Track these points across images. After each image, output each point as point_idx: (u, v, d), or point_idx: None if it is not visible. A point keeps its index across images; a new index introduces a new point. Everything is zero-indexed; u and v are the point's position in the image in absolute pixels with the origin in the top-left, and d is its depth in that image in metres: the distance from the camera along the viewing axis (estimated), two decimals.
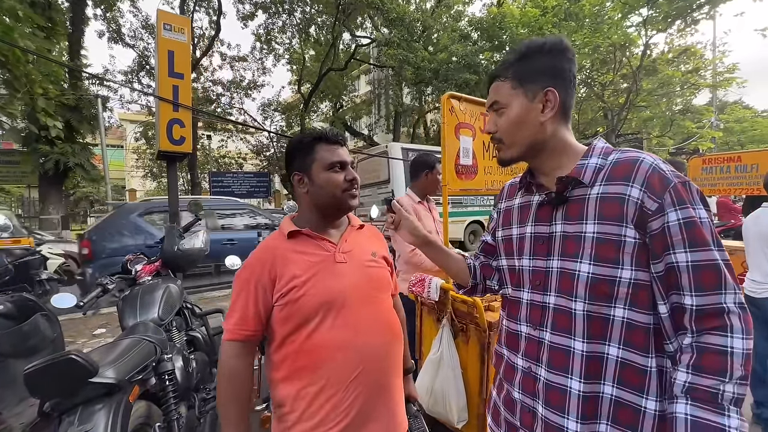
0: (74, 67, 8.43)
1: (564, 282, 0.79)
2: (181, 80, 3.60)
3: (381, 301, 1.08)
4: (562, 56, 0.81)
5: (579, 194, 0.78)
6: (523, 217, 0.90)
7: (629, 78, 10.24)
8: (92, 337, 3.60)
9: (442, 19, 13.95)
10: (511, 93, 0.83)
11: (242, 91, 16.93)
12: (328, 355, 0.95)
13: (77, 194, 21.92)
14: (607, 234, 0.73)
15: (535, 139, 0.83)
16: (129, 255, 2.63)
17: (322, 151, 1.05)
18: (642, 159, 0.74)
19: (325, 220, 1.09)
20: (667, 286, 0.69)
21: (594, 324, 0.75)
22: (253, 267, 1.00)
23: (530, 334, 0.85)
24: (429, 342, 2.08)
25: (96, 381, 1.37)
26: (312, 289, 0.96)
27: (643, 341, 0.72)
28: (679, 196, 0.69)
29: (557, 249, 0.80)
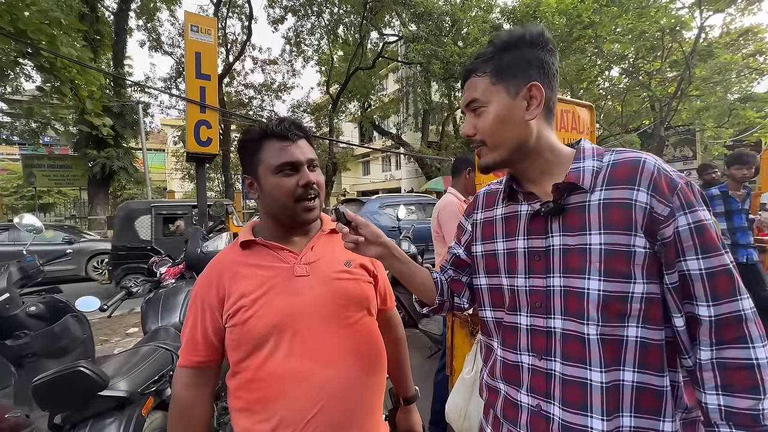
0: (114, 75, 8.92)
1: (571, 302, 0.70)
2: (208, 81, 3.60)
3: (352, 322, 0.89)
4: (544, 48, 0.74)
5: (577, 201, 0.71)
6: (510, 229, 0.81)
7: (680, 65, 9.39)
8: (126, 336, 3.69)
9: (471, 12, 13.54)
10: (490, 89, 0.74)
11: (273, 93, 17.34)
12: (281, 389, 0.80)
13: (124, 195, 23.39)
14: (616, 245, 0.66)
15: (520, 140, 0.75)
16: (155, 257, 2.63)
17: (268, 149, 0.86)
18: (644, 159, 0.68)
19: (285, 227, 0.93)
20: (681, 296, 0.65)
21: (609, 348, 0.67)
22: (201, 284, 0.88)
23: (535, 365, 0.75)
24: (462, 357, 1.88)
25: (106, 394, 1.31)
26: (261, 310, 0.82)
27: (657, 360, 0.66)
28: (687, 199, 0.65)
29: (558, 265, 0.72)
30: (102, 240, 9.08)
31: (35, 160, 12.92)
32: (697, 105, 11.21)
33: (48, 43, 4.17)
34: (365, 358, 0.90)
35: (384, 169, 27.21)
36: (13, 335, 2.10)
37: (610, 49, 11.36)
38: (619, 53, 11.68)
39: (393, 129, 20.39)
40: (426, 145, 17.61)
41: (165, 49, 14.41)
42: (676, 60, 9.81)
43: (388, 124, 21.46)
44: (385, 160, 26.81)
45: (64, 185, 13.92)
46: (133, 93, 13.22)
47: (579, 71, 11.70)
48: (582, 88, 12.02)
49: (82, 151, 11.08)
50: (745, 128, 12.47)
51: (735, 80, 11.05)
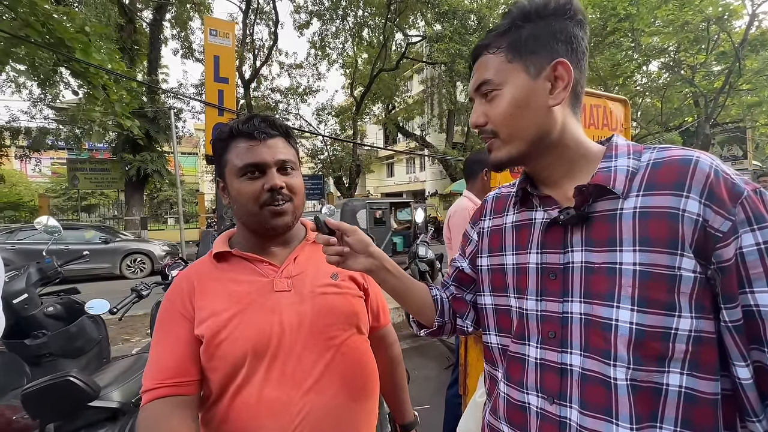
0: (139, 81, 9.39)
1: (594, 336, 0.56)
2: (226, 85, 3.64)
3: (339, 342, 0.80)
4: (573, 19, 0.60)
5: (606, 209, 0.58)
6: (521, 240, 0.69)
7: (729, 57, 8.66)
8: (146, 335, 3.76)
9: (498, 9, 13.19)
10: (506, 68, 0.61)
11: (298, 96, 17.63)
12: (256, 424, 0.71)
13: (159, 197, 24.54)
14: (656, 266, 0.52)
15: (541, 130, 0.61)
16: (168, 259, 2.64)
17: (234, 150, 0.78)
18: (697, 158, 0.54)
19: (262, 237, 0.83)
20: (746, 339, 0.49)
21: (642, 399, 0.53)
22: (172, 299, 0.78)
23: (545, 410, 0.61)
24: (476, 376, 1.73)
25: (97, 405, 1.27)
26: (236, 331, 0.73)
27: (710, 420, 0.51)
28: (757, 211, 0.50)
29: (578, 287, 0.59)
30: (136, 240, 9.52)
31: (78, 164, 13.77)
32: (748, 100, 10.29)
33: (81, 51, 4.37)
34: (353, 382, 0.81)
35: (408, 170, 27.09)
36: (31, 335, 2.15)
37: (648, 43, 10.67)
38: (658, 47, 10.95)
39: (417, 130, 20.22)
40: (451, 147, 17.32)
41: (196, 57, 14.97)
42: (723, 52, 9.05)
43: (412, 125, 21.31)
44: (410, 162, 26.67)
45: (104, 187, 14.76)
46: (166, 99, 13.82)
47: (614, 66, 11.06)
48: (617, 84, 11.37)
49: (119, 155, 11.71)
50: None
51: None
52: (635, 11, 8.80)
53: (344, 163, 16.82)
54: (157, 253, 8.74)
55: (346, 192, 16.69)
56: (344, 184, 16.86)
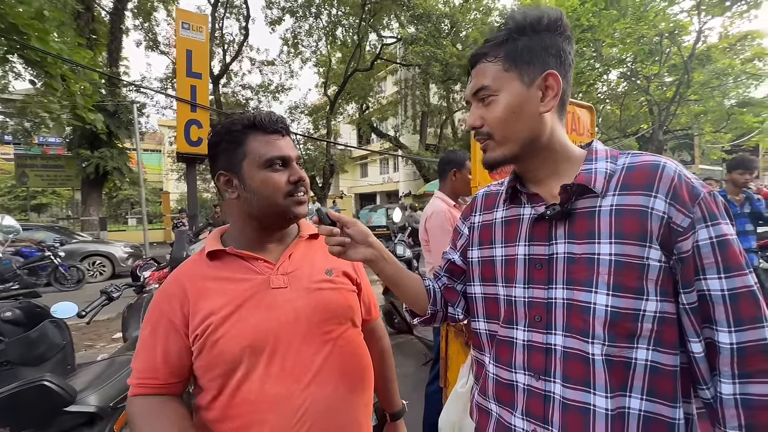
0: (105, 73, 8.82)
1: (575, 318, 0.64)
2: (199, 80, 3.53)
3: (336, 336, 0.83)
4: (562, 34, 0.67)
5: (586, 206, 0.65)
6: (510, 234, 0.75)
7: (679, 69, 9.38)
8: (111, 341, 3.58)
9: (470, 15, 13.54)
10: (502, 76, 0.67)
11: (270, 94, 17.26)
12: (258, 417, 0.73)
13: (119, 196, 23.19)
14: (628, 256, 0.60)
15: (532, 134, 0.68)
16: (139, 261, 2.54)
17: (255, 142, 0.80)
18: (663, 164, 0.62)
19: (264, 232, 0.85)
20: (700, 319, 0.58)
21: (615, 371, 0.60)
22: (160, 300, 0.78)
23: (532, 386, 0.68)
24: (456, 369, 1.79)
25: (73, 410, 1.22)
26: (233, 329, 0.73)
27: (670, 388, 0.60)
28: (710, 210, 0.58)
29: (561, 275, 0.66)
30: (95, 241, 8.95)
31: (28, 160, 12.75)
32: (695, 109, 11.21)
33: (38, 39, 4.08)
34: (351, 374, 0.84)
35: (382, 171, 27.16)
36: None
37: (609, 53, 11.37)
38: (617, 57, 11.70)
39: (391, 131, 20.34)
40: (424, 148, 17.57)
41: (161, 49, 14.31)
42: (674, 64, 9.81)
43: (386, 126, 21.41)
44: (383, 163, 26.76)
45: (57, 185, 13.76)
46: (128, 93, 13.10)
47: (578, 75, 11.70)
48: (581, 91, 12.02)
49: (75, 151, 10.95)
50: (742, 133, 12.49)
51: (733, 85, 11.06)
52: (597, 23, 9.34)
53: (318, 162, 16.64)
54: (119, 255, 8.22)
55: (319, 192, 16.53)
56: (318, 184, 16.69)
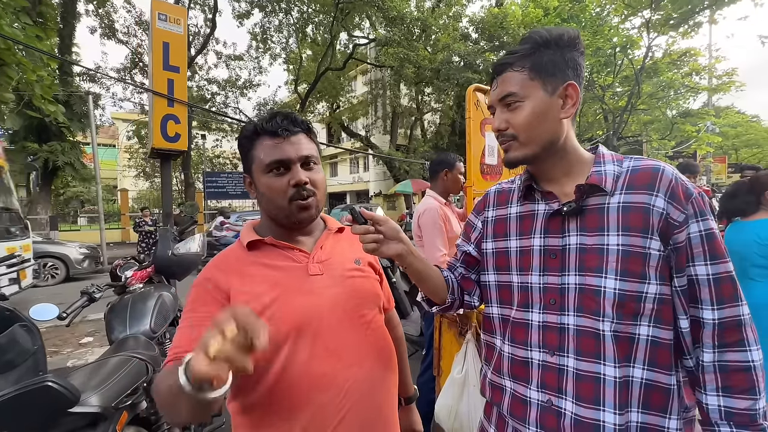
0: (65, 60, 8.15)
1: (587, 300, 0.72)
2: (177, 74, 3.40)
3: (368, 319, 0.87)
4: (578, 51, 0.76)
5: (596, 203, 0.73)
6: (525, 228, 0.82)
7: (630, 81, 10.19)
8: (79, 346, 3.37)
9: (441, 20, 13.87)
10: (528, 84, 0.75)
11: (237, 90, 16.71)
12: (305, 397, 0.76)
13: (67, 194, 21.46)
14: (633, 246, 0.69)
15: (551, 137, 0.76)
16: (118, 260, 2.43)
17: (260, 148, 0.82)
18: (663, 168, 0.72)
19: (287, 228, 0.88)
20: (688, 300, 0.69)
21: (621, 345, 0.69)
22: (204, 284, 0.80)
23: (546, 361, 0.76)
24: (449, 358, 1.90)
25: (77, 411, 1.18)
26: (278, 312, 0.76)
27: (667, 359, 0.69)
28: (701, 207, 0.68)
29: (573, 263, 0.74)
30: (45, 242, 8.26)
31: None
32: (643, 118, 12.21)
33: None
34: (384, 355, 0.89)
35: (352, 170, 27.08)
36: None
37: None
38: None
39: (362, 131, 20.35)
40: (395, 148, 17.74)
41: (119, 38, 13.41)
42: (626, 76, 10.63)
43: (356, 126, 21.39)
44: (354, 162, 26.70)
45: None
46: (81, 82, 12.19)
47: None
48: None
49: (20, 144, 10.04)
50: (683, 140, 13.76)
51: (674, 97, 12.15)
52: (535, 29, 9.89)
53: None
54: (74, 257, 7.62)
55: None
56: None
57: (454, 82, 11.10)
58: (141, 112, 15.09)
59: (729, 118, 18.96)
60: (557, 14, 9.34)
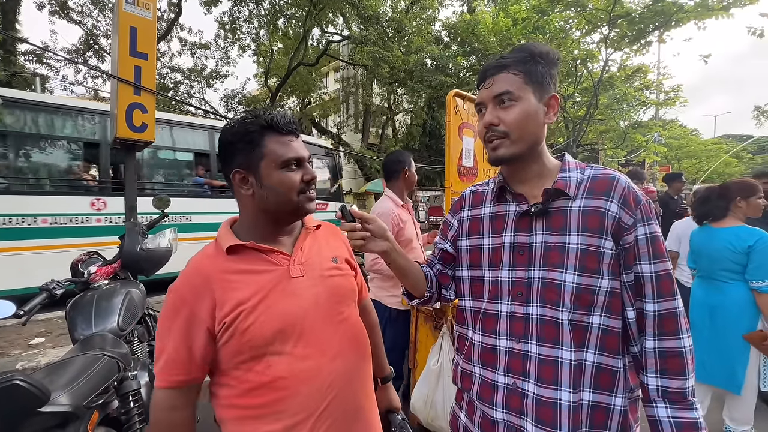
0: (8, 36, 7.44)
1: (549, 292, 0.80)
2: (145, 61, 3.23)
3: (347, 315, 0.94)
4: (558, 69, 0.87)
5: (560, 206, 0.82)
6: (497, 226, 0.90)
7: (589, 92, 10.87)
8: (28, 347, 3.13)
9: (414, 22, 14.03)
10: (523, 87, 0.82)
11: (203, 80, 15.98)
12: (292, 390, 0.81)
13: None
14: (590, 245, 0.77)
15: (537, 139, 0.85)
16: (80, 255, 2.30)
17: (273, 144, 0.85)
18: (618, 177, 0.81)
19: (275, 225, 0.91)
20: (634, 293, 0.78)
21: (577, 332, 0.77)
22: (183, 294, 0.81)
23: (512, 348, 0.84)
24: (424, 351, 1.98)
25: (48, 410, 1.14)
26: (262, 316, 0.80)
27: (615, 345, 0.78)
28: (647, 213, 0.78)
29: (539, 259, 0.81)
30: None
31: None
32: (600, 127, 13.06)
33: None
34: (360, 347, 0.96)
35: None
36: None
37: None
38: None
39: (333, 128, 20.17)
40: (366, 147, 17.75)
41: (72, 17, 12.40)
42: (586, 87, 11.31)
43: (328, 123, 21.16)
44: None
45: None
46: (27, 62, 11.15)
47: None
48: None
49: None
50: (633, 149, 14.86)
51: (626, 109, 13.10)
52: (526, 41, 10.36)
53: None
54: None
55: None
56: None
57: (426, 84, 11.30)
58: (94, 97, 14.05)
59: (673, 130, 20.71)
60: (525, 25, 9.77)
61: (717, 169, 17.28)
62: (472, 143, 1.95)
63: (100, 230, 5.20)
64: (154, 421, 0.80)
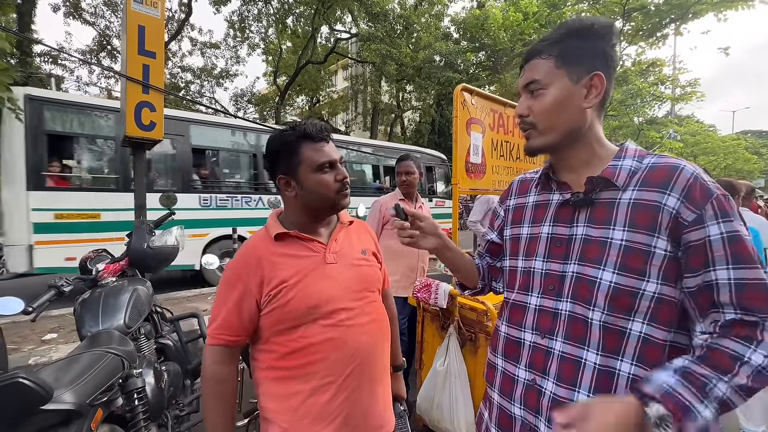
0: (24, 37, 7.59)
1: (581, 288, 0.73)
2: (153, 59, 3.25)
3: (373, 299, 1.08)
4: (610, 41, 0.75)
5: (608, 197, 0.73)
6: (538, 216, 0.85)
7: None
8: (41, 343, 3.19)
9: (423, 18, 13.91)
10: (553, 72, 0.75)
11: (213, 79, 16.13)
12: (322, 355, 0.94)
13: None
14: (637, 243, 0.68)
15: (573, 126, 0.76)
16: (89, 252, 2.32)
17: (308, 151, 0.99)
18: (683, 166, 0.69)
19: (316, 220, 1.06)
20: (702, 303, 0.64)
21: (610, 336, 0.70)
22: (239, 270, 0.97)
23: (537, 342, 0.79)
24: (431, 352, 1.94)
25: (50, 408, 1.13)
26: (301, 293, 0.94)
27: (658, 359, 0.67)
28: (723, 209, 0.64)
29: (576, 253, 0.75)
30: None
31: None
32: (612, 123, 12.79)
33: None
34: (383, 326, 1.09)
35: None
36: None
37: None
38: None
39: (342, 126, 20.18)
40: None
41: (85, 18, 12.62)
42: None
43: (336, 121, 21.18)
44: None
45: None
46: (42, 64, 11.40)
47: None
48: None
49: None
50: (648, 146, 14.53)
51: (641, 105, 12.80)
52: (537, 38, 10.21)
53: None
54: None
55: None
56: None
57: (435, 81, 11.21)
58: (108, 97, 14.30)
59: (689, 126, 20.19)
60: (536, 19, 9.60)
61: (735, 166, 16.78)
62: (480, 139, 1.89)
63: None
64: (204, 372, 0.95)
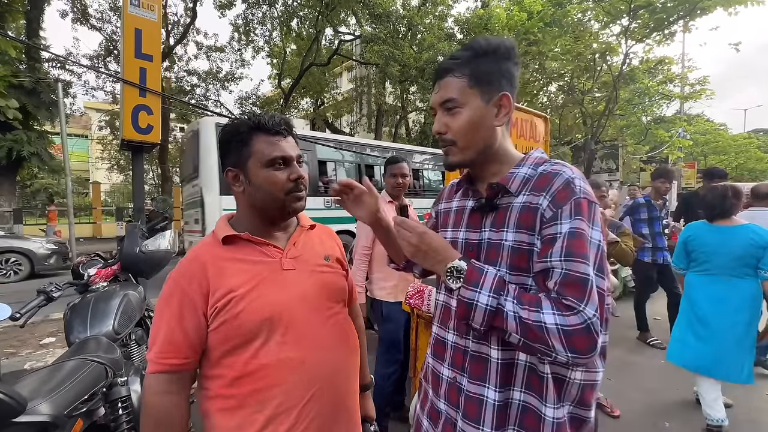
0: (32, 45, 7.70)
1: None
2: (150, 63, 3.27)
3: (336, 311, 0.97)
4: (513, 61, 0.80)
5: (505, 202, 0.79)
6: (457, 221, 0.90)
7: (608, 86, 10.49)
8: (39, 347, 3.19)
9: (427, 19, 13.86)
10: (467, 92, 0.79)
11: (219, 82, 16.25)
12: (277, 379, 0.82)
13: (34, 186, 20.43)
14: (521, 243, 0.74)
15: (486, 143, 0.81)
16: (81, 257, 2.30)
17: (259, 143, 0.87)
18: (562, 172, 0.74)
19: (267, 222, 0.94)
20: (539, 284, 0.72)
21: None
22: (178, 281, 0.84)
23: (456, 342, 0.84)
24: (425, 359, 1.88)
25: (23, 420, 1.10)
26: (253, 303, 0.82)
27: None
28: (578, 210, 0.70)
29: (483, 256, 0.80)
30: (8, 236, 7.82)
31: None
32: (620, 123, 12.60)
33: None
34: (348, 343, 0.98)
35: None
36: None
37: (551, 67, 12.35)
38: (557, 71, 12.75)
39: (346, 128, 20.19)
40: None
41: (92, 23, 12.80)
42: (605, 81, 10.94)
43: (341, 123, 21.20)
44: None
45: None
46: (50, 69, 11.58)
47: (524, 85, 12.55)
48: (526, 101, 12.92)
49: None
50: (656, 145, 14.28)
51: (649, 104, 12.60)
52: (542, 38, 10.11)
53: None
54: (39, 252, 7.26)
55: None
56: None
57: None
58: (114, 101, 14.47)
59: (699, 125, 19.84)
60: (540, 18, 9.50)
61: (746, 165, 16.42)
62: None
63: None
64: (145, 406, 0.79)
